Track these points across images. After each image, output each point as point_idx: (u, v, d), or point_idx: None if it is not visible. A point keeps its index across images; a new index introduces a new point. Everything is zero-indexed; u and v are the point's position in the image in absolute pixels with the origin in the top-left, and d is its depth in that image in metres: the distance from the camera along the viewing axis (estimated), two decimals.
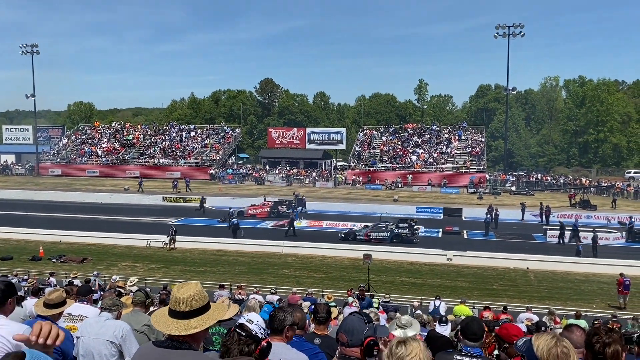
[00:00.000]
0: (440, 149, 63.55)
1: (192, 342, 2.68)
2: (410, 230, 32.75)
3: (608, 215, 39.72)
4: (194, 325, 2.66)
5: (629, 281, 21.50)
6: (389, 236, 32.43)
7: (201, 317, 2.70)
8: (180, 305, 2.69)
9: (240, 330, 2.95)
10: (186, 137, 73.90)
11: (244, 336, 2.91)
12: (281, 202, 41.77)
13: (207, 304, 2.77)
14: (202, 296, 2.76)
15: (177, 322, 2.67)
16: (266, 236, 33.80)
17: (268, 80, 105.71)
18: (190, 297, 2.72)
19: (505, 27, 57.95)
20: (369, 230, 33.12)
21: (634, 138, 75.34)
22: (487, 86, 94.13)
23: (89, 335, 4.74)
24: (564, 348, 2.46)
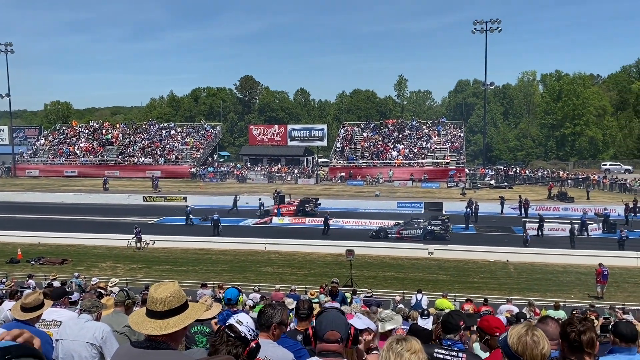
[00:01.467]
0: (421, 144, 63.98)
1: (170, 341, 2.67)
2: (444, 227, 32.46)
3: (585, 207, 40.41)
4: (172, 324, 2.65)
5: (607, 271, 21.93)
6: (422, 233, 32.13)
7: (179, 316, 2.69)
8: (158, 305, 2.67)
9: (229, 331, 2.94)
10: (166, 136, 73.22)
11: (233, 337, 2.90)
12: (308, 201, 41.31)
13: (184, 303, 2.76)
14: (180, 295, 2.75)
15: (154, 322, 2.65)
16: (249, 234, 33.71)
17: (248, 77, 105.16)
18: (167, 296, 2.70)
19: (482, 23, 58.43)
20: (401, 227, 32.71)
21: (609, 131, 76.68)
22: (465, 81, 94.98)
23: (68, 338, 4.67)
24: (534, 336, 2.51)
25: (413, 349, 2.53)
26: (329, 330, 3.00)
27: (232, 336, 2.85)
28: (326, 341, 2.99)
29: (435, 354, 3.93)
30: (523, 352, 2.48)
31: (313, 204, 40.84)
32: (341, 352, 3.01)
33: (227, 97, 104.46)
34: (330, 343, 2.98)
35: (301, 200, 41.32)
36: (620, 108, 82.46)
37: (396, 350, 2.52)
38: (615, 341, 3.82)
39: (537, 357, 2.47)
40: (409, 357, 2.50)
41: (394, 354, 2.52)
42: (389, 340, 2.64)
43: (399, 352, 2.51)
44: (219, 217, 34.44)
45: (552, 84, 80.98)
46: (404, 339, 2.61)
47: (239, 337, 2.84)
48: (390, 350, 2.54)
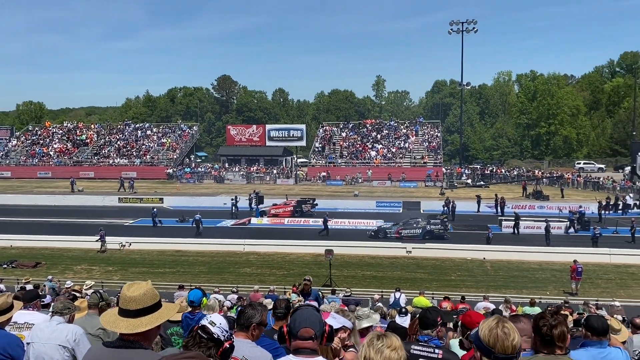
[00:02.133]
0: (399, 144, 64.41)
1: (143, 340, 2.63)
2: (443, 226, 32.56)
3: (560, 205, 41.13)
4: (145, 323, 2.61)
5: (581, 268, 22.36)
6: (421, 233, 32.17)
7: (152, 315, 2.66)
8: (131, 304, 2.64)
9: (201, 332, 2.90)
10: (142, 136, 72.33)
11: (205, 338, 2.87)
12: (304, 201, 41.03)
13: (158, 302, 2.73)
14: (153, 294, 2.72)
15: (127, 320, 2.62)
16: (227, 235, 33.49)
17: (226, 77, 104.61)
18: (140, 295, 2.67)
19: (459, 24, 59.16)
20: (400, 227, 32.72)
21: (582, 130, 78.25)
22: (442, 82, 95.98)
23: (40, 341, 4.57)
24: (504, 328, 2.54)
25: (393, 346, 2.54)
26: (303, 327, 2.99)
27: (204, 337, 2.82)
28: (300, 338, 2.97)
29: (412, 350, 3.94)
30: (494, 344, 2.51)
31: (310, 204, 40.59)
32: (316, 349, 3.00)
33: (204, 97, 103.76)
34: (304, 340, 2.97)
35: (298, 200, 41.08)
36: (593, 108, 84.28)
37: (376, 347, 2.53)
38: (587, 335, 3.89)
39: (508, 349, 2.51)
40: (389, 353, 2.51)
41: (374, 350, 2.52)
42: (369, 336, 2.65)
43: (379, 349, 2.52)
44: (200, 218, 34.22)
45: (527, 84, 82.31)
46: (384, 335, 2.62)
47: (211, 338, 2.81)
48: (371, 346, 2.55)
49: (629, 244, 29.91)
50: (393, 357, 2.51)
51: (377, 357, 2.51)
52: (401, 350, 2.55)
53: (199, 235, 33.09)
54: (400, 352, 2.54)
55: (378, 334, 2.64)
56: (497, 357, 2.50)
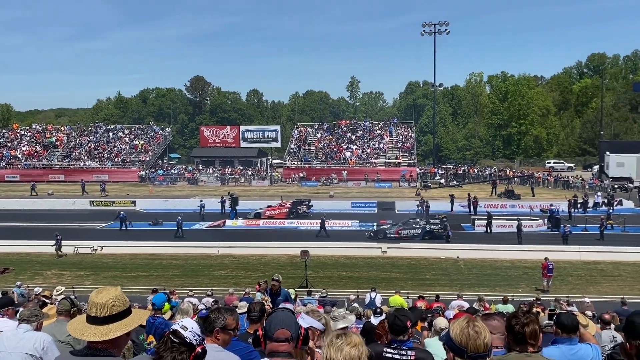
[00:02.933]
0: (373, 145, 64.78)
1: (112, 348, 2.56)
2: (442, 226, 32.54)
3: (531, 203, 41.90)
4: (114, 330, 2.55)
5: (552, 265, 22.80)
6: (421, 233, 32.18)
7: (121, 322, 2.59)
8: (99, 310, 2.57)
9: (173, 337, 2.85)
10: (113, 138, 71.16)
11: (177, 343, 2.82)
12: (300, 202, 40.64)
13: (128, 308, 2.66)
14: (123, 300, 2.65)
15: (95, 327, 2.55)
16: (201, 237, 33.16)
17: (199, 77, 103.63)
18: (109, 301, 2.60)
19: (431, 25, 59.76)
20: (400, 227, 32.68)
21: (552, 130, 79.90)
22: (415, 83, 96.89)
23: (6, 350, 4.43)
24: (475, 327, 2.56)
25: (353, 343, 2.54)
26: (278, 329, 2.96)
27: (176, 342, 2.77)
28: (276, 340, 2.95)
29: (384, 353, 3.94)
30: (466, 344, 2.53)
31: (306, 205, 40.30)
32: (291, 352, 2.98)
33: (177, 98, 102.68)
34: (280, 342, 2.94)
35: (293, 202, 40.79)
36: (563, 108, 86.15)
37: (336, 345, 2.53)
38: (557, 332, 3.95)
39: (480, 347, 2.53)
40: (349, 350, 2.51)
41: (335, 349, 2.52)
42: (329, 336, 2.64)
43: (339, 347, 2.52)
44: (181, 220, 33.96)
45: (498, 85, 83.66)
46: (344, 334, 2.61)
47: (183, 342, 2.77)
48: (331, 346, 2.54)
49: (598, 241, 30.62)
50: (353, 354, 2.51)
51: (337, 355, 2.51)
52: (361, 346, 2.56)
53: (180, 238, 32.70)
54: (361, 348, 2.54)
55: (338, 333, 2.64)
56: (470, 357, 2.52)
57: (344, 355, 2.50)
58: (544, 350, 3.44)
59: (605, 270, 25.88)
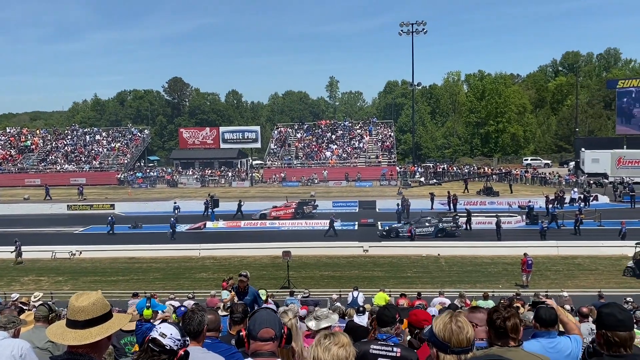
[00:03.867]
0: (353, 144, 64.96)
1: (92, 352, 2.53)
2: (455, 224, 32.58)
3: (509, 200, 42.44)
4: (94, 334, 2.51)
5: (531, 260, 23.14)
6: (434, 231, 32.15)
7: (102, 325, 2.56)
8: (79, 314, 2.53)
9: (153, 345, 2.82)
10: (90, 141, 70.17)
11: (158, 351, 2.80)
12: (306, 202, 40.34)
13: (108, 312, 2.63)
14: (103, 304, 2.62)
15: (75, 332, 2.51)
16: (182, 240, 32.89)
17: (177, 79, 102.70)
18: (89, 305, 2.56)
19: (409, 25, 60.19)
20: (412, 226, 32.52)
21: (529, 127, 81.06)
22: (394, 82, 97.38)
23: None
24: (458, 322, 2.60)
25: (341, 343, 2.55)
26: (262, 328, 2.95)
27: (157, 350, 2.74)
28: (260, 340, 2.94)
29: (371, 350, 3.96)
30: (450, 339, 2.55)
31: (312, 205, 40.10)
32: (275, 352, 2.97)
33: (155, 100, 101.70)
34: (264, 341, 2.93)
35: (299, 202, 40.59)
36: (539, 105, 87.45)
37: (324, 345, 2.54)
38: (536, 326, 4.01)
39: (463, 342, 2.56)
40: (337, 350, 2.52)
41: (322, 349, 2.53)
42: (317, 336, 2.65)
43: (326, 347, 2.53)
44: (175, 222, 33.89)
45: (475, 84, 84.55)
46: (332, 333, 2.63)
47: (164, 350, 2.74)
48: (319, 346, 2.55)
49: (574, 236, 31.15)
50: (341, 354, 2.52)
51: (325, 355, 2.52)
52: (349, 347, 2.57)
53: (173, 241, 32.52)
54: (349, 348, 2.56)
55: (326, 333, 2.65)
56: (453, 351, 2.55)
57: (332, 356, 2.51)
58: (525, 344, 3.49)
59: (583, 265, 26.36)
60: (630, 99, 54.91)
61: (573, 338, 3.97)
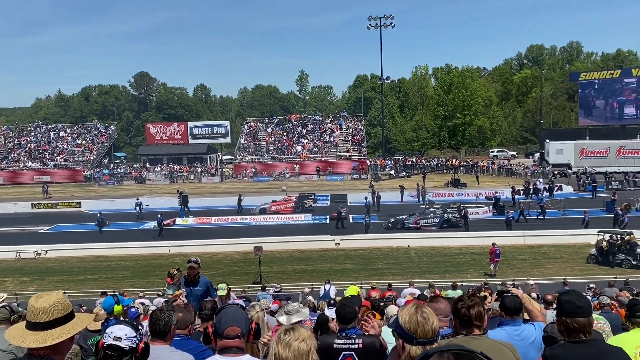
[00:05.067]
0: (324, 138, 65.03)
1: (54, 354, 2.47)
2: (460, 214, 32.64)
3: (476, 191, 43.20)
4: (56, 335, 2.45)
5: (499, 250, 23.64)
6: (439, 221, 32.22)
7: (63, 326, 2.50)
8: (40, 316, 2.47)
9: (110, 352, 2.78)
10: (55, 138, 68.39)
11: (117, 355, 2.75)
12: (305, 196, 40.05)
13: (70, 312, 2.56)
14: (64, 304, 2.55)
15: (36, 334, 2.44)
16: (151, 237, 32.44)
17: (143, 73, 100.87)
18: (50, 306, 2.50)
19: (377, 19, 60.42)
20: (418, 217, 32.60)
21: (495, 120, 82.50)
22: (363, 76, 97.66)
23: None
24: (423, 314, 2.63)
25: (301, 337, 2.55)
26: (229, 325, 2.94)
27: (116, 355, 2.70)
28: (226, 337, 2.93)
29: (334, 345, 3.98)
30: (415, 330, 2.58)
31: (312, 199, 39.87)
32: (242, 348, 2.97)
33: (121, 95, 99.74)
34: (231, 339, 2.92)
35: (299, 196, 40.37)
36: (504, 98, 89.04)
37: (285, 341, 2.53)
38: (501, 314, 4.11)
39: (429, 333, 2.59)
40: (298, 345, 2.52)
41: (283, 345, 2.52)
42: (277, 332, 2.64)
43: (287, 343, 2.52)
44: (162, 218, 33.45)
45: (442, 77, 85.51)
46: (292, 328, 2.62)
47: (124, 352, 2.70)
48: (279, 342, 2.54)
49: (540, 226, 31.89)
50: (302, 348, 2.52)
51: (285, 352, 2.51)
52: (310, 340, 2.57)
53: (161, 237, 32.09)
54: (310, 342, 2.56)
55: (286, 328, 2.64)
56: (419, 342, 2.58)
57: (293, 351, 2.50)
58: (490, 332, 3.57)
59: (548, 253, 27.05)
60: (592, 91, 56.40)
61: (537, 325, 4.07)
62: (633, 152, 50.67)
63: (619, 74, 55.33)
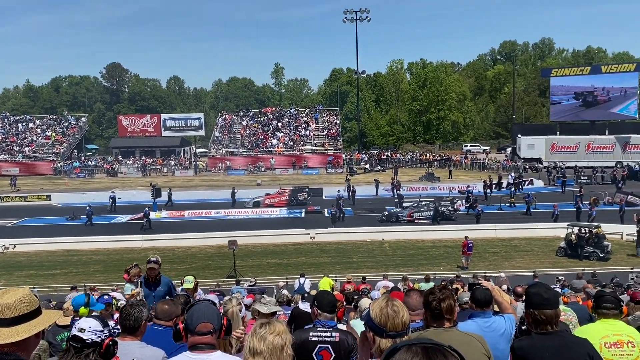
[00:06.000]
0: (300, 132, 64.92)
1: (19, 351, 2.41)
2: (452, 207, 32.79)
3: (449, 185, 43.72)
4: (21, 332, 2.40)
5: (472, 243, 24.02)
6: (433, 214, 32.31)
7: (29, 322, 2.44)
8: (4, 312, 2.41)
9: (74, 343, 2.74)
10: (23, 129, 66.71)
11: (79, 347, 2.72)
12: (300, 190, 39.81)
13: (37, 309, 2.51)
14: (31, 300, 2.50)
15: (0, 330, 2.39)
16: (123, 231, 31.98)
17: (115, 64, 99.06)
18: (15, 301, 2.44)
19: (352, 12, 60.42)
20: (412, 210, 32.68)
21: (468, 115, 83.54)
22: (339, 70, 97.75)
23: None
24: (394, 307, 2.66)
25: (277, 331, 2.56)
26: (201, 322, 2.93)
27: (78, 347, 2.67)
28: (198, 333, 2.91)
29: (310, 337, 4.00)
30: (385, 323, 2.61)
31: (306, 192, 39.70)
32: (214, 344, 2.95)
33: (93, 86, 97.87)
34: (202, 335, 2.91)
35: (292, 189, 40.12)
36: (478, 93, 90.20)
37: (260, 334, 2.55)
38: (472, 306, 4.18)
39: (399, 326, 2.62)
40: (273, 339, 2.53)
41: (258, 338, 2.54)
42: (253, 325, 2.65)
43: (262, 336, 2.54)
44: (149, 211, 33.21)
45: (417, 72, 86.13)
46: (267, 322, 2.63)
47: (86, 344, 2.66)
48: (254, 335, 2.56)
49: (511, 220, 32.46)
50: (277, 342, 2.54)
51: (260, 345, 2.53)
52: (285, 334, 2.59)
53: (149, 231, 31.72)
54: (285, 335, 2.58)
55: (262, 322, 2.66)
56: (389, 335, 2.61)
57: (267, 345, 2.52)
58: (461, 324, 3.63)
59: (519, 246, 27.59)
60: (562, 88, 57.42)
61: (507, 317, 4.15)
62: (602, 147, 51.91)
63: (589, 70, 56.50)
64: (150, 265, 7.50)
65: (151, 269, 7.48)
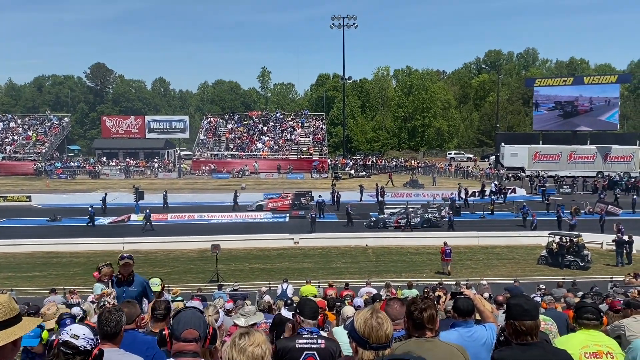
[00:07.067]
0: (285, 136, 64.86)
1: None
2: (439, 214, 32.92)
3: (434, 192, 43.96)
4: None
5: (449, 249, 24.14)
6: (420, 221, 32.44)
7: (7, 330, 2.40)
8: None
9: (65, 349, 2.71)
10: (4, 129, 65.72)
11: (71, 353, 2.68)
12: (303, 194, 39.58)
13: (16, 316, 2.47)
14: (10, 307, 2.45)
15: None
16: (104, 234, 31.60)
17: (100, 64, 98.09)
18: None
19: (340, 19, 60.68)
20: (399, 217, 32.70)
21: (453, 122, 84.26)
22: (326, 75, 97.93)
23: None
24: (378, 319, 2.66)
25: (256, 342, 2.54)
26: (186, 329, 2.90)
27: (70, 353, 2.64)
28: (183, 340, 2.88)
29: (296, 345, 3.99)
30: (369, 335, 2.61)
31: (309, 196, 39.52)
32: (198, 352, 2.93)
33: (76, 86, 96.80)
34: (187, 342, 2.88)
35: (295, 193, 40.00)
36: (463, 101, 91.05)
37: (239, 346, 2.52)
38: (454, 316, 4.20)
39: (382, 338, 2.62)
40: (252, 350, 2.51)
41: (237, 350, 2.51)
42: (232, 336, 2.63)
43: (242, 348, 2.51)
44: (150, 213, 32.93)
45: (403, 79, 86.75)
46: (246, 333, 2.61)
47: (78, 351, 2.64)
48: (233, 347, 2.53)
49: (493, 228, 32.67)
50: (257, 353, 2.51)
51: (240, 357, 2.50)
52: (265, 344, 2.57)
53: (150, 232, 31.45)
54: (264, 346, 2.56)
55: (241, 332, 2.63)
56: (372, 347, 2.61)
57: (247, 356, 2.49)
58: (443, 334, 3.64)
59: (501, 254, 27.79)
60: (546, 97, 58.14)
61: (488, 326, 4.17)
62: (583, 157, 52.66)
63: (572, 81, 57.34)
64: (124, 261, 7.14)
65: (126, 264, 7.13)
